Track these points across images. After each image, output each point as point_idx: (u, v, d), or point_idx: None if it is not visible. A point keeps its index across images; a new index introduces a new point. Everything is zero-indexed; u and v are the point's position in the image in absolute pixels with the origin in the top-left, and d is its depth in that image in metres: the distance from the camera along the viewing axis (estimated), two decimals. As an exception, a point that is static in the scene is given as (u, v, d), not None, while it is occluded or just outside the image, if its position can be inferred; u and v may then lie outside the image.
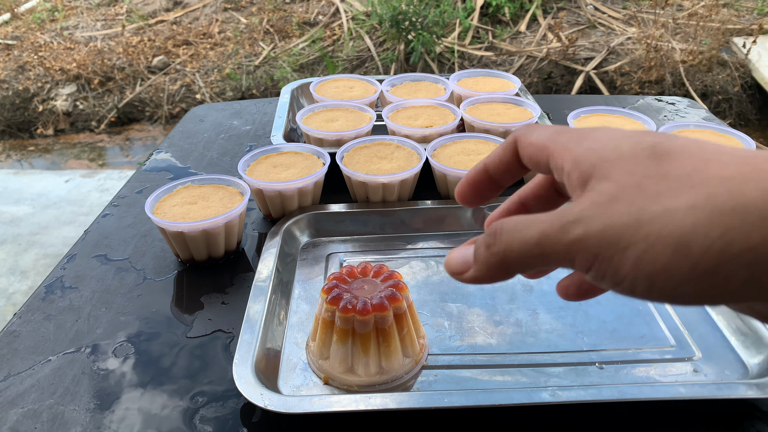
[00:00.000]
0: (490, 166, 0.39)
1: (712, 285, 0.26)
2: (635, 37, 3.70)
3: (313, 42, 4.15)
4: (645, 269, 0.27)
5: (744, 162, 0.26)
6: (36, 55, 4.21)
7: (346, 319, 0.55)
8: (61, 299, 0.73)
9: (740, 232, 0.25)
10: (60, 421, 0.56)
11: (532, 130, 0.36)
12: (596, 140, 0.31)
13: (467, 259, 0.34)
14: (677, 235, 0.26)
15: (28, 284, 2.38)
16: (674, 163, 0.28)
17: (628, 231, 0.27)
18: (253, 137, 1.15)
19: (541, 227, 0.30)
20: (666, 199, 0.26)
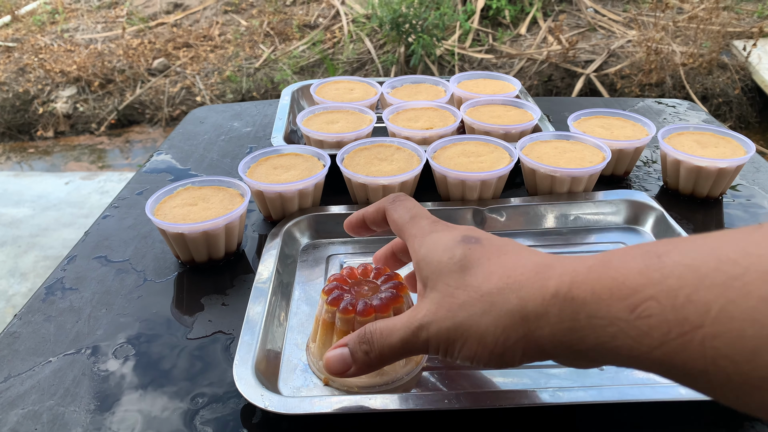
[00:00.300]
0: (366, 218, 0.56)
1: (505, 362, 0.40)
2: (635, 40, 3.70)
3: (313, 44, 4.16)
4: (466, 355, 0.41)
5: (509, 275, 0.40)
6: (36, 57, 4.21)
7: (347, 320, 0.55)
8: (62, 300, 0.73)
9: (512, 329, 0.38)
10: (60, 422, 0.56)
11: (396, 207, 0.52)
12: (429, 250, 0.45)
13: (346, 361, 0.47)
14: (478, 334, 0.40)
15: (27, 286, 2.38)
16: (473, 275, 0.41)
17: (452, 332, 0.41)
18: (253, 139, 1.16)
19: (400, 335, 0.44)
20: (468, 307, 0.40)
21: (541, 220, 0.84)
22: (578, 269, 0.37)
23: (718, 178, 0.86)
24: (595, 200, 0.84)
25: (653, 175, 0.99)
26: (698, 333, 0.29)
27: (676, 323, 0.30)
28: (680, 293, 0.30)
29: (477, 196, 0.85)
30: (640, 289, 0.32)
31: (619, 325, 0.33)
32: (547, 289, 0.37)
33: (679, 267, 0.31)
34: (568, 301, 0.36)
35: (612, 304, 0.33)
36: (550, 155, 0.88)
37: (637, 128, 0.97)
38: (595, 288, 0.35)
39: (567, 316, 0.36)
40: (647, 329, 0.32)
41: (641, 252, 0.34)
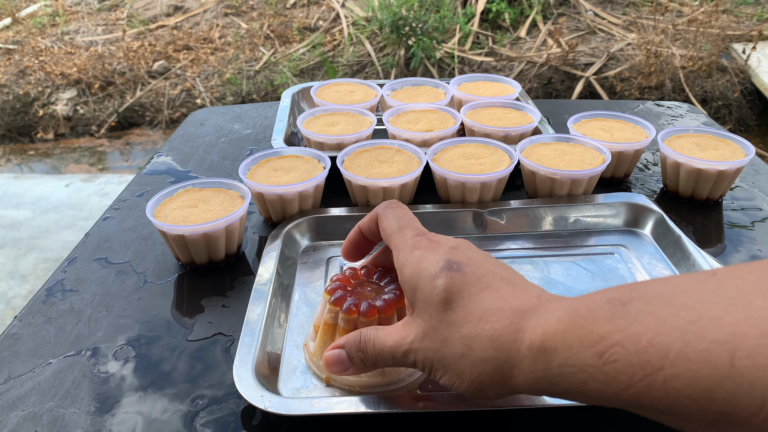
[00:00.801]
0: (363, 228, 0.58)
1: (481, 397, 0.44)
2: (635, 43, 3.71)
3: (313, 47, 4.16)
4: (446, 382, 0.45)
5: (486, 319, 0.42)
6: (37, 59, 4.21)
7: (350, 320, 0.55)
8: (62, 302, 0.73)
9: (487, 375, 0.42)
10: (60, 424, 0.56)
11: (387, 215, 0.54)
12: (411, 273, 0.48)
13: (344, 362, 0.51)
14: (457, 371, 0.43)
15: (27, 288, 2.38)
16: (454, 311, 0.44)
17: (436, 363, 0.44)
18: (253, 141, 1.16)
19: (391, 353, 0.48)
20: (449, 345, 0.43)
21: (541, 222, 0.84)
22: (549, 321, 0.39)
23: (717, 180, 0.86)
24: (594, 203, 0.84)
25: (653, 177, 0.99)
26: (660, 374, 0.32)
27: (639, 366, 0.33)
28: (642, 338, 0.33)
29: (477, 198, 0.85)
30: (607, 335, 0.35)
31: (588, 371, 0.35)
32: (521, 341, 0.40)
33: (642, 314, 0.34)
34: (541, 351, 0.38)
35: (581, 351, 0.36)
36: (550, 157, 0.88)
37: (637, 131, 0.98)
38: (566, 338, 0.37)
39: (540, 366, 0.39)
40: (614, 373, 0.34)
41: (606, 300, 0.37)
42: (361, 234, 0.59)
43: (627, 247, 0.79)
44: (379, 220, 0.55)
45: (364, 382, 0.57)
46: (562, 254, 0.78)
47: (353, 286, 0.59)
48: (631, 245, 0.80)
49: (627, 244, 0.80)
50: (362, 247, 0.60)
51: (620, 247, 0.79)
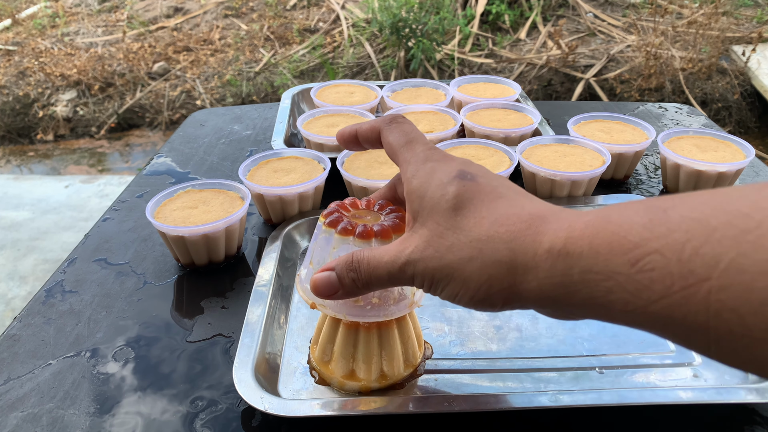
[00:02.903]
0: (360, 134, 0.52)
1: (485, 306, 0.40)
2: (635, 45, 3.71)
3: (313, 49, 4.16)
4: (448, 294, 0.41)
5: (500, 222, 0.39)
6: (37, 60, 4.21)
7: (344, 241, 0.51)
8: (62, 303, 0.73)
9: (496, 279, 0.38)
10: (60, 425, 0.56)
11: (392, 129, 0.50)
12: (422, 182, 0.44)
13: (334, 285, 0.46)
14: (462, 278, 0.40)
15: (27, 289, 2.38)
16: (464, 216, 0.41)
17: (438, 273, 0.41)
18: (253, 142, 1.16)
19: (387, 269, 0.43)
20: (456, 250, 0.40)
21: (541, 223, 0.84)
22: (575, 224, 0.36)
23: (717, 181, 0.86)
24: (594, 204, 0.84)
25: (653, 179, 0.99)
26: (704, 286, 0.29)
27: (680, 276, 0.30)
28: (687, 246, 0.30)
29: None
30: (643, 243, 0.32)
31: (616, 279, 0.32)
32: (540, 243, 0.37)
33: (686, 221, 0.31)
34: (562, 256, 0.35)
35: (611, 258, 0.33)
36: (550, 159, 0.88)
37: (637, 132, 0.98)
38: (593, 243, 0.34)
39: (558, 272, 0.35)
40: (648, 283, 0.31)
41: (644, 207, 0.33)
42: (355, 136, 0.53)
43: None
44: (382, 134, 0.51)
45: (363, 385, 0.57)
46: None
47: (351, 213, 0.54)
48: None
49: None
50: (353, 144, 0.54)
51: (620, 248, 0.79)
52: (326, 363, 0.59)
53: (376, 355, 0.56)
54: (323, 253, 0.51)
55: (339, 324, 0.57)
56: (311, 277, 0.47)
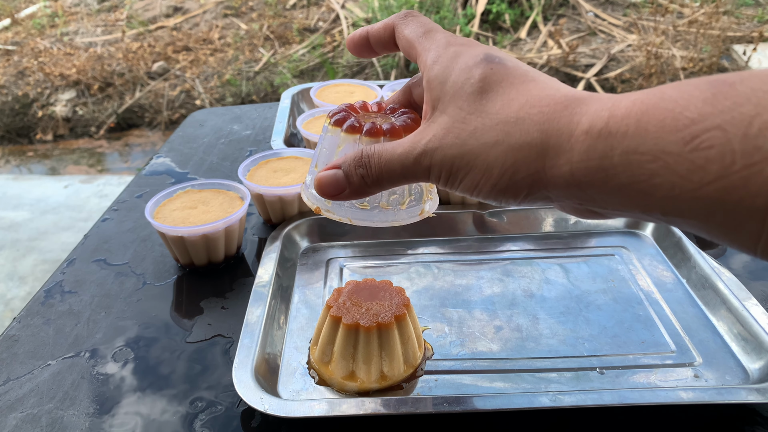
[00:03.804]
0: (372, 35, 0.47)
1: (507, 195, 0.36)
2: (636, 45, 3.71)
3: (313, 48, 4.16)
4: (467, 185, 0.37)
5: (532, 103, 0.35)
6: (36, 60, 4.21)
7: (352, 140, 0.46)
8: (61, 303, 0.73)
9: (523, 163, 0.34)
10: (59, 425, 0.56)
11: (408, 22, 0.44)
12: (444, 67, 0.39)
13: (340, 182, 0.42)
14: (485, 165, 0.36)
15: (26, 290, 2.38)
16: (491, 100, 0.36)
17: (457, 161, 0.37)
18: (253, 142, 1.15)
19: (401, 160, 0.39)
20: (479, 135, 0.36)
21: (542, 223, 0.84)
22: (620, 102, 0.32)
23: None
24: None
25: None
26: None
27: (743, 154, 0.26)
28: (756, 120, 0.26)
29: (478, 199, 0.85)
30: (703, 118, 0.28)
31: (665, 160, 0.29)
32: (577, 124, 0.33)
33: (757, 93, 0.27)
34: (603, 136, 0.31)
35: (662, 136, 0.29)
36: (550, 159, 0.88)
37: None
38: (641, 120, 0.30)
39: (597, 154, 0.31)
40: (703, 162, 0.27)
41: (707, 81, 0.29)
42: (366, 39, 0.48)
43: (627, 248, 0.79)
44: (397, 29, 0.45)
45: (363, 386, 0.57)
46: (563, 255, 0.78)
47: (360, 114, 0.49)
48: (632, 246, 0.79)
49: (627, 245, 0.80)
50: (364, 50, 0.49)
51: (621, 248, 0.79)
52: (326, 364, 0.58)
53: (376, 356, 0.56)
54: (329, 154, 0.47)
55: (339, 325, 0.57)
56: (316, 176, 0.43)
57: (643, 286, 0.72)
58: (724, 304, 0.67)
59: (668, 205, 0.30)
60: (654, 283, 0.73)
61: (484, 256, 0.79)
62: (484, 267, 0.77)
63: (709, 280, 0.70)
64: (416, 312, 0.67)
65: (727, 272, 0.70)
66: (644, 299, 0.70)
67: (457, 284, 0.74)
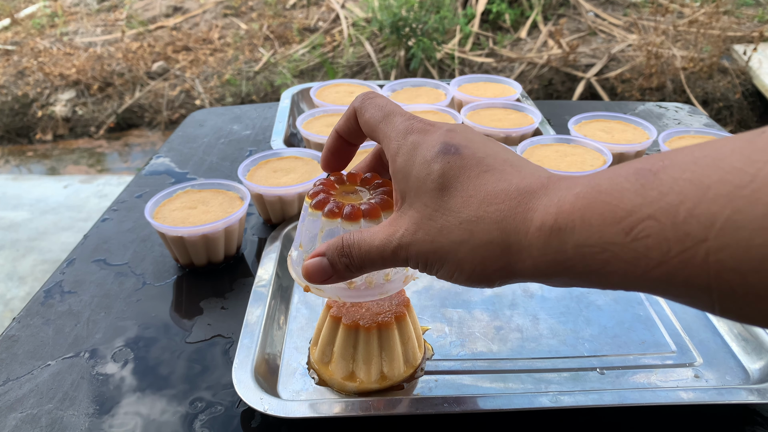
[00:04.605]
0: (340, 131, 0.50)
1: (483, 284, 0.39)
2: (636, 44, 3.71)
3: (313, 48, 4.16)
4: (444, 275, 0.41)
5: (489, 201, 0.38)
6: (35, 60, 4.21)
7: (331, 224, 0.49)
8: (61, 304, 0.73)
9: (490, 259, 0.38)
10: (59, 426, 0.56)
11: (366, 107, 0.47)
12: (405, 161, 0.42)
13: (326, 270, 0.45)
14: (456, 260, 0.39)
15: (25, 290, 2.38)
16: (452, 196, 0.39)
17: (431, 255, 0.40)
18: (253, 142, 1.15)
19: (379, 252, 0.42)
20: (447, 233, 0.39)
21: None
22: (565, 198, 0.35)
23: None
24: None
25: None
26: (701, 247, 0.28)
27: (676, 240, 0.29)
28: (681, 209, 0.29)
29: None
30: (636, 209, 0.31)
31: (612, 250, 0.32)
32: (531, 221, 0.36)
33: (678, 182, 0.29)
34: (555, 232, 0.34)
35: (604, 229, 0.32)
36: (551, 159, 0.88)
37: (638, 132, 0.97)
38: (585, 215, 0.33)
39: (552, 249, 0.34)
40: (644, 250, 0.30)
41: (633, 171, 0.32)
42: (339, 138, 0.51)
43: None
44: (358, 114, 0.48)
45: (363, 386, 0.56)
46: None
47: (338, 191, 0.51)
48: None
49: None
50: (342, 153, 0.52)
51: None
52: (326, 364, 0.58)
53: (376, 356, 0.56)
54: (311, 236, 0.49)
55: (339, 325, 0.57)
56: (303, 265, 0.46)
57: (643, 286, 0.72)
58: (725, 304, 0.67)
59: (627, 286, 0.33)
60: (654, 283, 0.72)
61: (485, 256, 0.79)
62: (484, 267, 0.77)
63: (710, 280, 0.70)
64: (416, 312, 0.67)
65: (728, 272, 0.70)
66: (644, 299, 0.70)
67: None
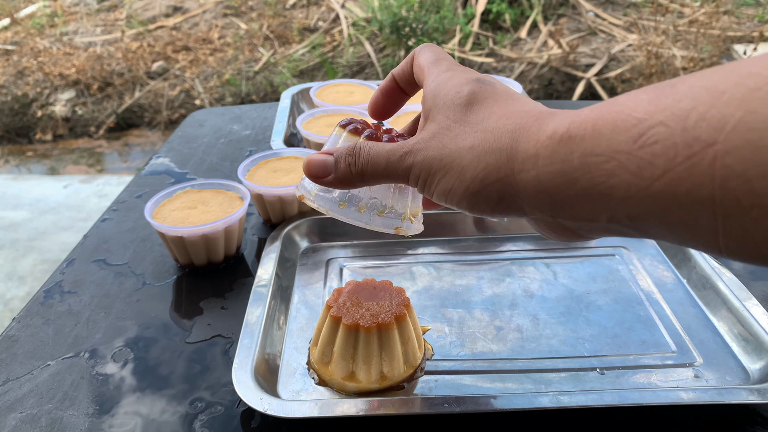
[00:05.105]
0: (395, 73, 0.51)
1: (478, 201, 0.38)
2: (636, 44, 3.71)
3: (313, 48, 4.16)
4: (442, 188, 0.39)
5: (509, 116, 0.38)
6: (35, 60, 4.21)
7: None
8: (60, 304, 0.73)
9: (494, 167, 0.36)
10: (59, 426, 0.56)
11: (423, 50, 0.48)
12: (439, 84, 0.43)
13: (328, 167, 0.44)
14: (459, 168, 0.38)
15: (25, 290, 2.38)
16: (475, 112, 0.39)
17: (436, 163, 0.39)
18: (253, 142, 1.15)
19: (387, 157, 0.42)
20: (459, 140, 0.39)
21: (542, 223, 0.83)
22: (582, 111, 0.34)
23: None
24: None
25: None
26: (709, 152, 0.27)
27: (684, 145, 0.28)
28: (693, 114, 0.28)
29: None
30: (648, 117, 0.30)
31: (618, 159, 0.31)
32: (543, 131, 0.35)
33: (693, 89, 0.29)
34: (564, 140, 0.33)
35: (613, 137, 0.31)
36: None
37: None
38: (597, 124, 0.32)
39: (559, 158, 0.34)
40: (651, 158, 0.29)
41: (653, 86, 0.31)
42: (393, 81, 0.51)
43: (628, 248, 0.79)
44: (415, 56, 0.49)
45: (363, 387, 0.56)
46: (563, 255, 0.78)
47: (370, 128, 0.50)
48: (632, 246, 0.79)
49: (628, 245, 0.80)
50: (392, 98, 0.52)
51: (621, 248, 0.79)
52: (326, 364, 0.58)
53: (376, 357, 0.56)
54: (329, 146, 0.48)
55: (339, 325, 0.57)
56: (306, 158, 0.46)
57: (643, 287, 0.72)
58: (725, 304, 0.67)
59: (629, 208, 0.31)
60: (654, 284, 0.73)
61: (484, 256, 0.79)
62: (484, 267, 0.77)
63: (710, 280, 0.70)
64: (416, 312, 0.67)
65: (728, 272, 0.70)
66: (645, 299, 0.70)
67: (458, 284, 0.74)
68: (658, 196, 0.29)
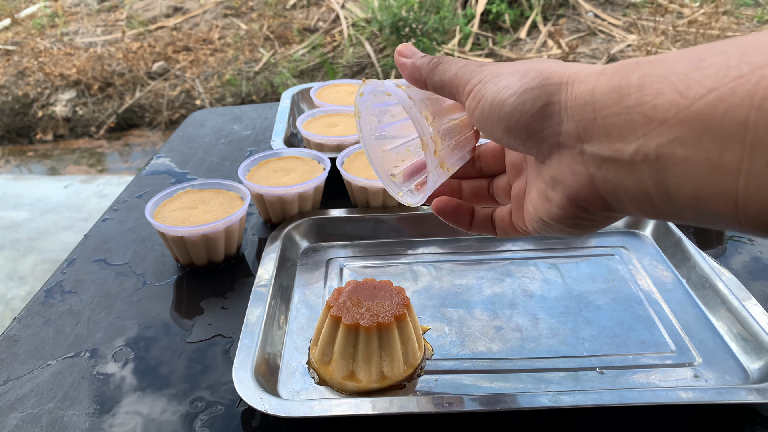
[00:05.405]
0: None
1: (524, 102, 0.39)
2: (635, 45, 3.71)
3: (313, 48, 4.16)
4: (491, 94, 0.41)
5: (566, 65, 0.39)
6: (36, 60, 4.21)
7: None
8: (61, 303, 0.73)
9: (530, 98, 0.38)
10: (59, 425, 0.56)
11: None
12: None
13: (415, 55, 0.47)
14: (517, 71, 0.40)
15: (26, 290, 2.38)
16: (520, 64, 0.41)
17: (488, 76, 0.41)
18: (253, 142, 1.15)
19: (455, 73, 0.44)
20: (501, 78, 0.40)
21: (542, 223, 0.84)
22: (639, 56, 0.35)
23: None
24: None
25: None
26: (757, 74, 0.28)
27: (736, 68, 0.29)
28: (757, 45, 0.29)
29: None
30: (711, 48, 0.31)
31: (671, 80, 0.31)
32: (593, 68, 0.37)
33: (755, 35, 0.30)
34: (632, 64, 0.34)
35: (676, 63, 0.32)
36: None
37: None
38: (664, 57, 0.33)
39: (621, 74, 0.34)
40: (701, 78, 0.30)
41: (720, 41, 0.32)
42: None
43: (627, 248, 0.79)
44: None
45: (363, 386, 0.57)
46: (563, 255, 0.78)
47: None
48: (632, 246, 0.79)
49: (627, 245, 0.80)
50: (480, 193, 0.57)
51: (621, 248, 0.79)
52: (326, 364, 0.59)
53: (376, 356, 0.56)
54: None
55: (339, 325, 0.57)
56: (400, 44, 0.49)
57: (643, 286, 0.72)
58: (724, 304, 0.67)
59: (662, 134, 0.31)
60: (654, 283, 0.73)
61: (484, 256, 0.79)
62: (484, 267, 0.77)
63: (709, 280, 0.70)
64: (416, 312, 0.67)
65: (727, 272, 0.70)
66: (644, 299, 0.70)
67: (457, 284, 0.74)
68: (695, 118, 0.30)
